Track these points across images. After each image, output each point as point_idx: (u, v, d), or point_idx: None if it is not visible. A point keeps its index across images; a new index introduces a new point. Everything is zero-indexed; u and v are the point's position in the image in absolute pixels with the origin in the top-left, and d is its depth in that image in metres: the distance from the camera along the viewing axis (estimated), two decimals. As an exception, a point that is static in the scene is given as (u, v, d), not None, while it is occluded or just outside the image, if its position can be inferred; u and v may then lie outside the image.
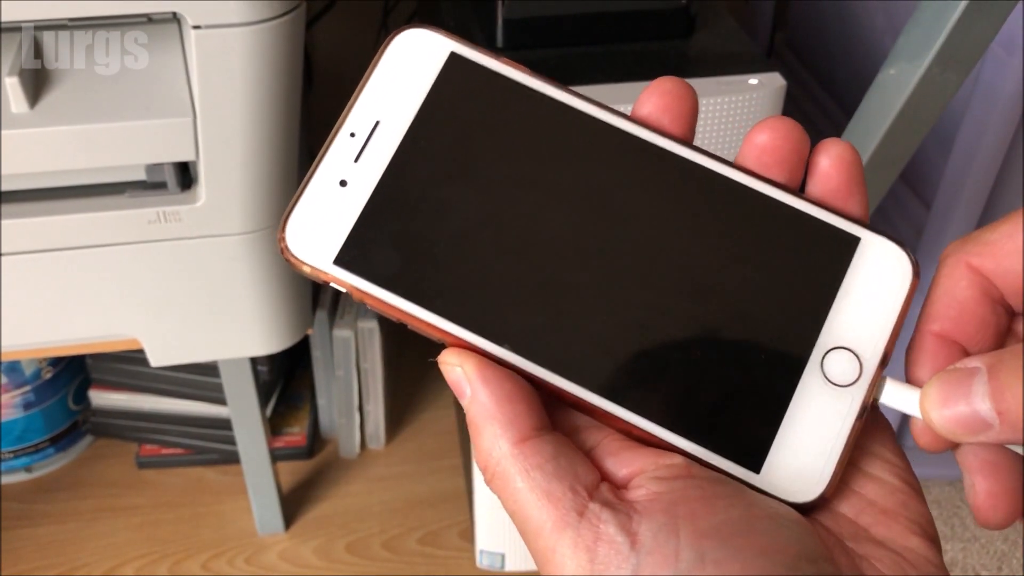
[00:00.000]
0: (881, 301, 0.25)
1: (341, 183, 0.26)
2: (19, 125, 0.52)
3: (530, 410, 0.24)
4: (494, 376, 0.24)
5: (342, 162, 0.26)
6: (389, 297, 0.25)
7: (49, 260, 0.59)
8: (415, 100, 0.27)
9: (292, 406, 1.04)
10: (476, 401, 0.24)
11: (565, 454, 0.24)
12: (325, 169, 0.26)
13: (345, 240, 0.25)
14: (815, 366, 0.25)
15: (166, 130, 0.54)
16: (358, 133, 0.26)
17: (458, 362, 0.24)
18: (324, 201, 0.26)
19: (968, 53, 0.55)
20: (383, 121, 0.26)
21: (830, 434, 0.24)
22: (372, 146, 0.26)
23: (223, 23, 0.50)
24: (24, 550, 0.92)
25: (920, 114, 0.59)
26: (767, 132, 0.26)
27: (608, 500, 0.23)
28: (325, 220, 0.25)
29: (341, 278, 0.25)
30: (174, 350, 0.67)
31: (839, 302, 0.25)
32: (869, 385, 0.25)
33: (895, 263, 0.26)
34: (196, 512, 0.96)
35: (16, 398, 0.94)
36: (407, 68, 0.27)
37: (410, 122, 0.26)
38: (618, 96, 0.61)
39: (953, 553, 0.96)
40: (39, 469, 0.99)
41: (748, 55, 0.66)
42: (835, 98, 0.99)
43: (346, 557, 0.93)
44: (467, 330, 0.25)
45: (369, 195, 0.26)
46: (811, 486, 0.24)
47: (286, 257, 0.25)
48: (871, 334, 0.25)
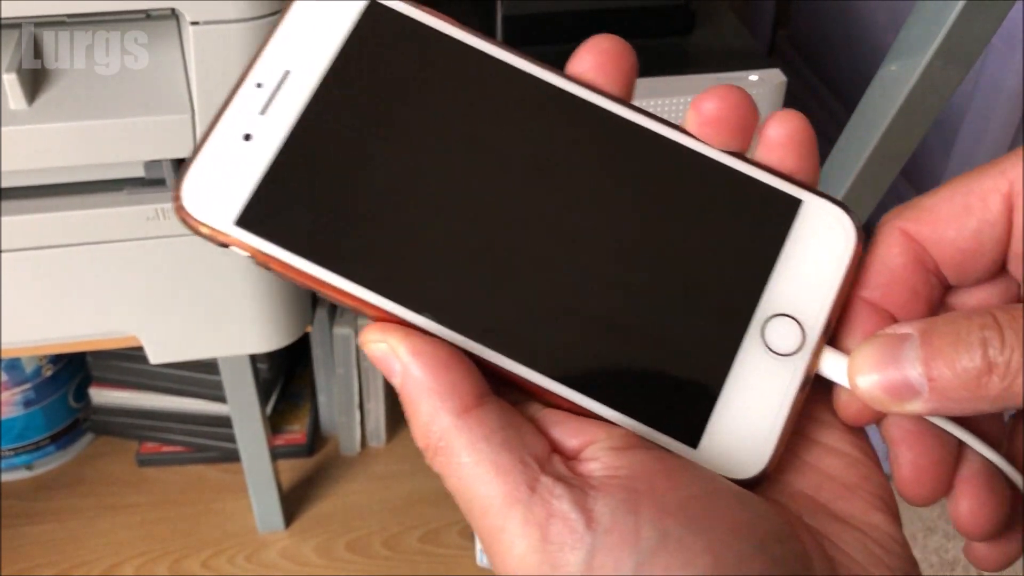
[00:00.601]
0: (824, 267, 0.24)
1: (245, 137, 0.23)
2: (17, 122, 0.52)
3: (469, 378, 0.22)
4: (425, 346, 0.22)
5: (247, 114, 0.24)
6: (298, 261, 0.23)
7: (47, 257, 0.59)
8: (329, 49, 0.24)
9: (292, 404, 1.04)
10: (409, 376, 0.22)
11: (512, 423, 0.22)
12: (228, 122, 0.24)
13: (249, 198, 0.23)
14: (755, 334, 0.23)
15: (164, 127, 0.53)
16: (265, 83, 0.24)
17: (382, 337, 0.22)
18: (226, 156, 0.23)
19: (969, 48, 0.55)
20: (293, 71, 0.24)
21: (772, 406, 0.23)
22: (281, 97, 0.24)
23: (221, 19, 0.50)
24: (25, 548, 0.92)
25: (921, 110, 0.59)
26: (715, 100, 0.24)
27: (561, 474, 0.21)
28: (227, 177, 0.23)
29: (243, 240, 0.23)
30: (173, 347, 0.66)
31: (780, 268, 0.24)
32: (812, 354, 0.23)
33: (838, 227, 0.24)
34: (196, 510, 0.96)
35: (16, 396, 0.94)
36: (322, 16, 0.24)
37: (323, 72, 0.24)
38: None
39: (955, 552, 0.96)
40: (39, 467, 0.99)
41: (749, 51, 0.66)
42: (837, 95, 0.99)
43: (347, 555, 0.93)
44: (384, 297, 0.23)
45: (276, 150, 0.23)
46: (752, 461, 0.22)
47: (181, 217, 0.23)
48: (813, 301, 0.23)
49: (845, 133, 0.65)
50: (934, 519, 0.98)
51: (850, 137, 0.65)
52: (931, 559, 0.95)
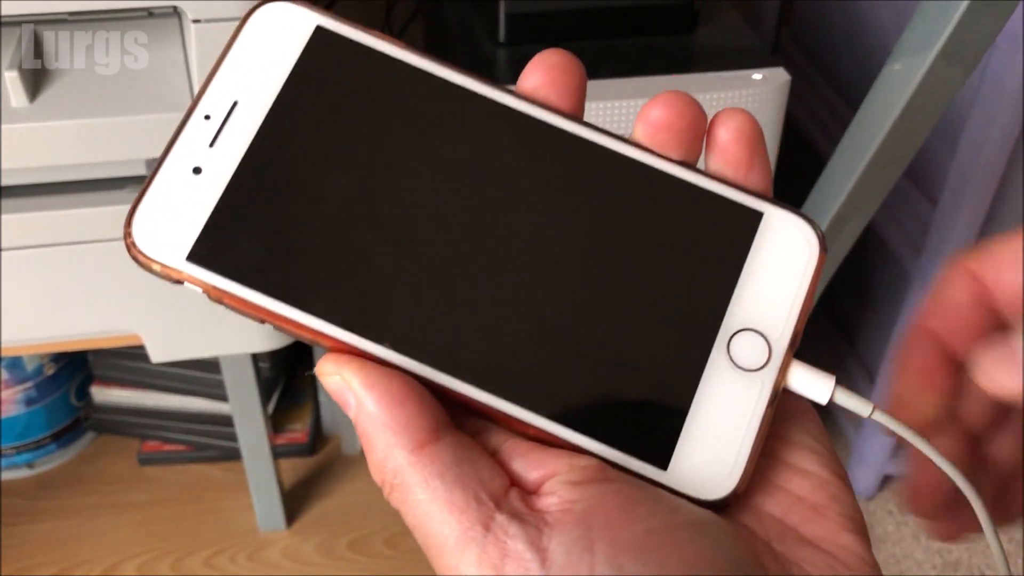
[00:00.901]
0: (788, 279, 0.23)
1: (195, 170, 0.23)
2: (19, 119, 0.52)
3: (424, 412, 0.21)
4: (380, 379, 0.22)
5: (196, 147, 0.23)
6: (251, 295, 0.22)
7: (49, 255, 0.59)
8: (277, 78, 0.24)
9: (294, 403, 1.04)
10: (363, 410, 0.21)
11: (468, 458, 0.21)
12: (176, 156, 0.23)
13: (200, 233, 0.23)
14: (721, 350, 0.23)
15: (166, 124, 0.53)
16: (214, 115, 0.24)
17: (336, 370, 0.22)
18: (176, 191, 0.23)
19: (973, 48, 0.55)
20: (242, 101, 0.24)
21: (740, 423, 0.22)
22: (229, 129, 0.23)
23: (223, 17, 0.50)
24: (26, 546, 0.92)
25: (925, 110, 0.58)
26: (661, 108, 0.24)
27: (517, 510, 0.21)
28: (177, 212, 0.23)
29: (196, 276, 0.22)
30: (175, 346, 0.66)
31: (743, 282, 0.23)
32: (779, 368, 0.23)
33: (800, 238, 0.24)
34: (198, 509, 0.96)
35: (18, 394, 0.94)
36: (269, 44, 0.24)
37: (272, 102, 0.24)
38: (622, 91, 0.60)
39: (958, 553, 0.95)
40: (41, 465, 0.99)
41: (752, 50, 0.66)
42: (841, 94, 0.99)
43: (348, 554, 0.93)
44: (341, 328, 0.22)
45: (226, 183, 0.23)
46: (722, 481, 0.22)
47: (133, 255, 0.23)
48: (779, 314, 0.23)
49: (849, 132, 0.65)
50: (937, 520, 0.98)
51: (854, 136, 0.65)
52: (934, 560, 0.95)
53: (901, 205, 0.89)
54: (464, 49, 0.67)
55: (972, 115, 0.74)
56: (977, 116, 0.74)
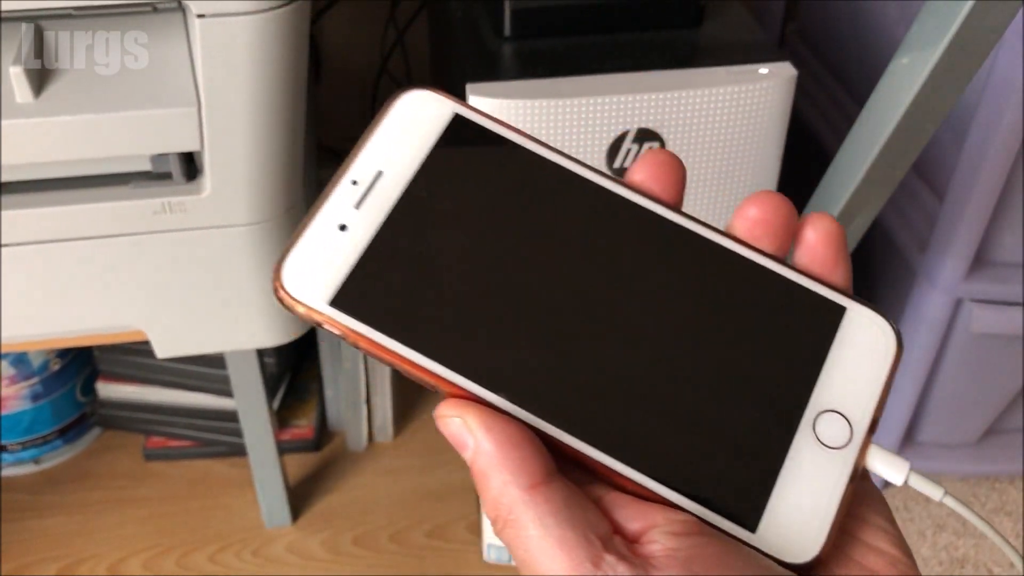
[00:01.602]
0: (868, 369, 0.26)
1: (341, 227, 0.26)
2: (24, 115, 0.52)
3: (537, 456, 0.23)
4: (497, 423, 0.24)
5: (343, 207, 0.27)
6: (385, 340, 0.25)
7: (54, 251, 0.59)
8: (419, 154, 0.27)
9: (299, 398, 1.04)
10: (480, 451, 0.23)
11: (577, 502, 0.23)
12: (326, 213, 0.26)
13: (342, 282, 0.26)
14: (807, 428, 0.25)
15: (171, 120, 0.53)
16: (360, 181, 0.27)
17: (457, 413, 0.24)
18: (322, 244, 0.26)
19: (981, 42, 0.54)
20: (386, 172, 0.27)
21: (823, 495, 0.25)
22: (374, 194, 0.27)
23: (227, 12, 0.49)
24: (32, 541, 0.92)
25: (933, 104, 0.58)
26: (757, 206, 0.27)
27: (623, 553, 0.22)
28: (322, 262, 0.26)
29: (336, 319, 0.25)
30: (180, 342, 0.66)
31: (828, 368, 0.26)
32: (860, 449, 0.25)
33: (880, 333, 0.27)
34: (203, 504, 0.96)
35: (24, 390, 0.94)
36: (412, 124, 0.28)
37: (412, 174, 0.27)
38: (627, 86, 0.60)
39: (965, 549, 0.95)
40: (47, 461, 1.00)
41: (758, 44, 0.65)
42: (847, 88, 0.98)
43: (353, 550, 0.93)
44: (464, 376, 0.25)
45: (368, 240, 0.26)
46: (807, 546, 0.24)
47: (279, 296, 0.26)
48: (860, 400, 0.26)
49: (855, 127, 0.65)
50: (943, 516, 0.98)
51: (860, 131, 0.64)
52: (940, 556, 0.95)
53: (907, 200, 0.89)
54: (469, 43, 0.66)
55: (979, 110, 0.74)
56: (984, 111, 0.73)
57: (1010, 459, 1.01)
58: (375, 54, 1.08)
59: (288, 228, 0.62)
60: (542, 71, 0.62)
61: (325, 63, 1.10)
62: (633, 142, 0.61)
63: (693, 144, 0.62)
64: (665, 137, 0.61)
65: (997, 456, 1.00)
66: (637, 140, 0.61)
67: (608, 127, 0.61)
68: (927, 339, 0.87)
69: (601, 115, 0.60)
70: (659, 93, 0.60)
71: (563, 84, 0.60)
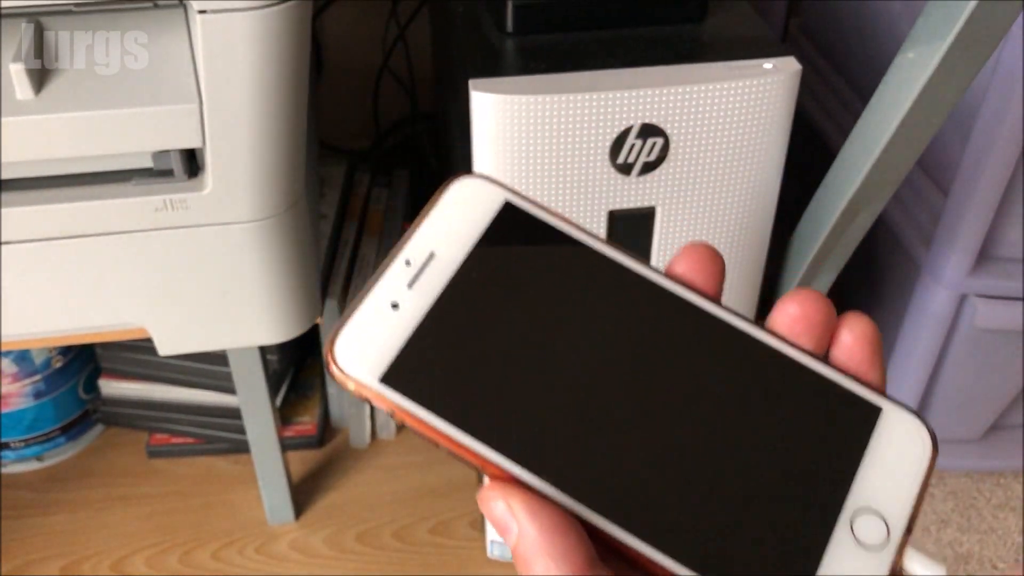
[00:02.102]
0: (904, 470, 0.26)
1: (393, 305, 0.27)
2: (24, 112, 0.51)
3: (580, 544, 0.24)
4: (542, 510, 0.24)
5: (396, 286, 0.27)
6: (433, 420, 0.26)
7: (55, 248, 0.58)
8: (470, 239, 0.28)
9: (302, 395, 1.04)
10: (525, 536, 0.24)
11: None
12: (379, 291, 0.27)
13: (393, 359, 0.26)
14: (845, 527, 0.25)
15: (172, 117, 0.53)
16: (413, 261, 0.28)
17: (501, 497, 0.24)
18: (375, 321, 0.27)
19: (988, 36, 0.54)
20: (438, 253, 0.28)
21: None
22: (426, 275, 0.28)
23: (229, 8, 0.49)
24: (35, 539, 0.92)
25: (938, 99, 0.58)
26: (797, 304, 0.28)
27: None
28: (374, 339, 0.26)
29: (387, 396, 0.26)
30: (182, 339, 0.66)
31: (864, 468, 0.26)
32: (897, 550, 0.25)
33: (915, 434, 0.27)
34: (206, 501, 0.96)
35: (27, 387, 0.94)
36: (464, 209, 0.29)
37: (464, 258, 0.28)
38: (630, 81, 0.60)
39: (969, 545, 0.95)
40: (50, 458, 1.00)
41: (762, 39, 0.65)
42: (850, 83, 0.98)
43: (356, 547, 0.93)
44: (510, 460, 0.25)
45: (420, 320, 0.27)
46: None
47: (331, 370, 0.26)
48: (896, 500, 0.26)
49: (860, 122, 0.65)
50: (948, 512, 0.98)
51: (865, 126, 0.64)
52: (945, 552, 0.94)
53: (912, 196, 0.88)
54: (471, 39, 0.66)
55: (984, 105, 0.74)
56: (990, 106, 0.73)
57: (1014, 455, 1.00)
58: (376, 50, 1.08)
59: (290, 225, 0.62)
60: (545, 66, 0.61)
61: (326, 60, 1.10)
62: (637, 138, 0.61)
63: (697, 139, 0.62)
64: (669, 132, 0.61)
65: (1001, 452, 1.00)
66: (641, 136, 0.61)
67: (612, 122, 0.60)
68: (931, 334, 0.86)
69: (605, 110, 0.60)
70: (663, 88, 0.59)
71: (566, 79, 0.60)
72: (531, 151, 0.61)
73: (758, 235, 0.69)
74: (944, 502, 0.98)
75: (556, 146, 0.61)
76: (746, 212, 0.67)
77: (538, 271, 0.28)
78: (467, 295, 0.27)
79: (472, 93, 0.59)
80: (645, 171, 0.63)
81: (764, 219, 0.69)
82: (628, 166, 0.62)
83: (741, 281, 0.72)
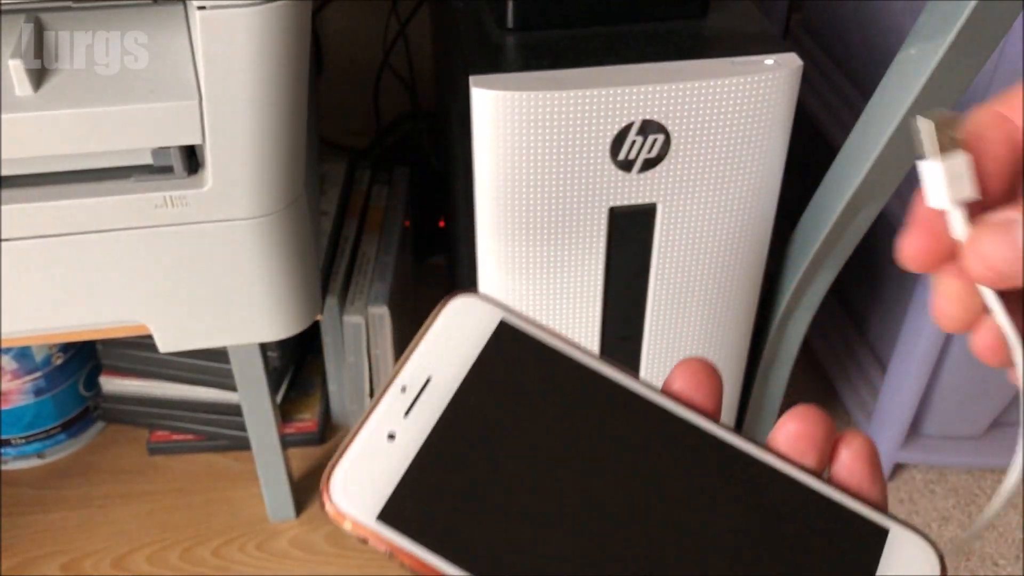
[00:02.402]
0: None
1: (390, 436, 0.26)
2: (23, 108, 0.51)
3: None
4: None
5: (392, 415, 0.26)
6: (434, 560, 0.24)
7: (55, 245, 0.58)
8: (466, 361, 0.27)
9: (303, 392, 1.04)
10: None
11: None
12: (375, 421, 0.26)
13: (390, 496, 0.25)
14: None
15: (172, 113, 0.53)
16: (409, 388, 0.27)
17: None
18: (371, 454, 0.26)
19: (990, 32, 0.54)
20: (434, 378, 0.27)
21: None
22: (422, 402, 0.27)
23: (228, 4, 0.49)
24: (36, 536, 0.92)
25: (940, 95, 0.58)
26: (798, 421, 0.27)
27: None
28: (371, 473, 0.25)
29: (384, 535, 0.25)
30: (183, 336, 0.66)
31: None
32: None
33: (923, 555, 0.27)
34: (207, 498, 0.96)
35: (27, 384, 0.94)
36: (459, 330, 0.28)
37: (460, 382, 0.27)
38: (631, 77, 0.60)
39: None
40: (51, 455, 1.00)
41: (764, 35, 0.65)
42: (851, 80, 0.98)
43: (357, 544, 0.93)
44: None
45: (417, 451, 0.26)
46: None
47: (327, 509, 0.25)
48: None
49: (862, 118, 0.65)
50: (949, 509, 0.97)
51: (867, 122, 0.64)
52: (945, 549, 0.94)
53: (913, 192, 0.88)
54: (472, 35, 0.66)
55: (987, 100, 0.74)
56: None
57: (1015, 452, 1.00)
58: (377, 47, 1.08)
59: (290, 222, 0.62)
60: (546, 63, 0.61)
61: (327, 56, 1.09)
62: (637, 134, 0.61)
63: (698, 136, 0.62)
64: (670, 128, 0.61)
65: (1002, 448, 1.00)
66: (641, 132, 0.61)
67: (612, 119, 0.60)
68: (932, 331, 0.86)
69: (605, 107, 0.60)
70: (664, 84, 0.59)
71: (567, 76, 0.60)
72: (532, 147, 0.61)
73: (759, 232, 0.69)
74: (945, 499, 0.98)
75: (557, 142, 0.61)
76: (747, 209, 0.67)
77: (534, 394, 0.27)
78: (464, 423, 0.26)
79: (473, 89, 0.59)
80: (646, 168, 0.63)
81: (765, 216, 0.68)
82: (629, 163, 0.62)
83: (742, 279, 0.72)
